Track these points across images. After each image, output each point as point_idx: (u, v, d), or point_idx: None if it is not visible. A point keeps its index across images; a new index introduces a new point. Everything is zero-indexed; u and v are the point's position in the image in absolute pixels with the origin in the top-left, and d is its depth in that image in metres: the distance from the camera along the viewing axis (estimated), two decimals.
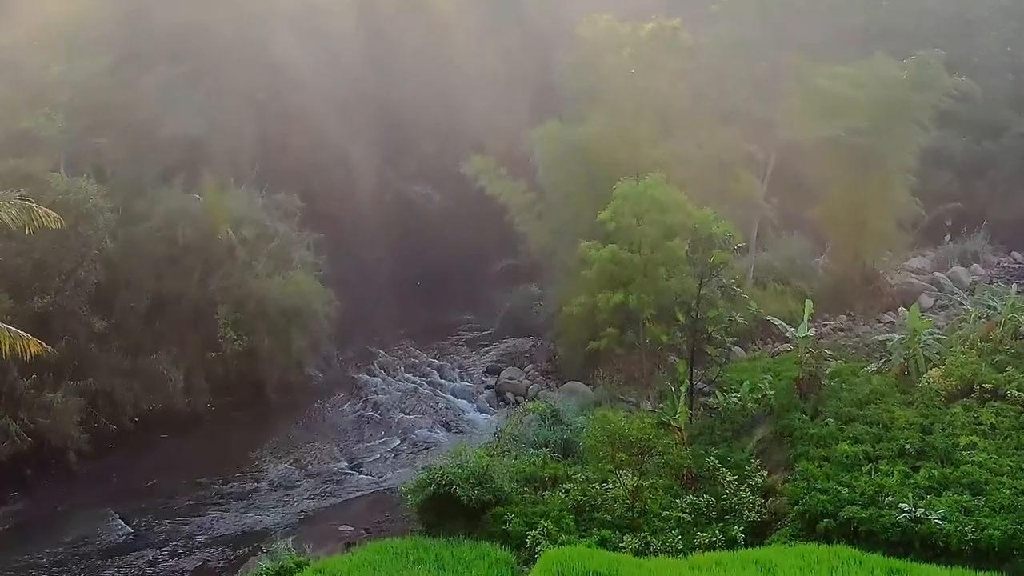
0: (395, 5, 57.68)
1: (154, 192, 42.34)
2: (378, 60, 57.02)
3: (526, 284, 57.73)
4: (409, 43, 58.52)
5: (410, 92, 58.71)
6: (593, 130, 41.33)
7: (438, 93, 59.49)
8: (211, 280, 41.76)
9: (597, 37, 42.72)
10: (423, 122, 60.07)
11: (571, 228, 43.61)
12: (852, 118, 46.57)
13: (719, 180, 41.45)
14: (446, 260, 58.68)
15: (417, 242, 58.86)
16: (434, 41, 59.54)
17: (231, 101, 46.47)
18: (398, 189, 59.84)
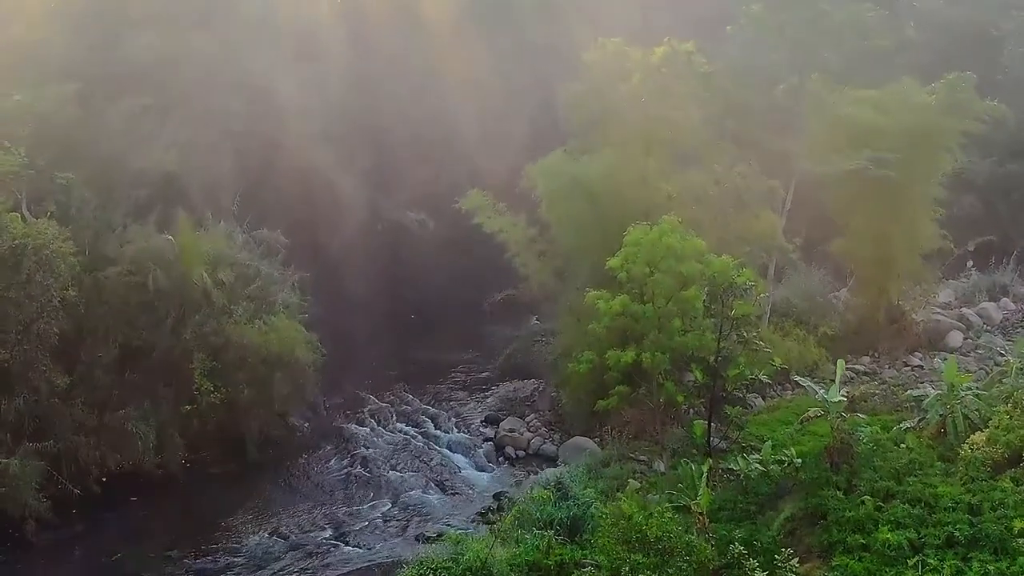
0: (385, 24, 54.46)
1: (123, 232, 38.99)
2: (367, 82, 53.88)
3: (526, 316, 54.72)
4: (401, 64, 55.45)
5: (402, 115, 55.66)
6: (600, 164, 38.06)
7: (432, 115, 56.38)
8: (185, 327, 38.36)
9: (605, 62, 39.41)
10: (417, 146, 57.03)
11: (576, 269, 40.52)
12: (877, 146, 43.36)
13: (737, 218, 38.14)
14: (441, 291, 55.58)
15: (411, 273, 55.87)
16: (427, 61, 56.47)
17: (208, 130, 43.22)
18: (390, 217, 56.73)
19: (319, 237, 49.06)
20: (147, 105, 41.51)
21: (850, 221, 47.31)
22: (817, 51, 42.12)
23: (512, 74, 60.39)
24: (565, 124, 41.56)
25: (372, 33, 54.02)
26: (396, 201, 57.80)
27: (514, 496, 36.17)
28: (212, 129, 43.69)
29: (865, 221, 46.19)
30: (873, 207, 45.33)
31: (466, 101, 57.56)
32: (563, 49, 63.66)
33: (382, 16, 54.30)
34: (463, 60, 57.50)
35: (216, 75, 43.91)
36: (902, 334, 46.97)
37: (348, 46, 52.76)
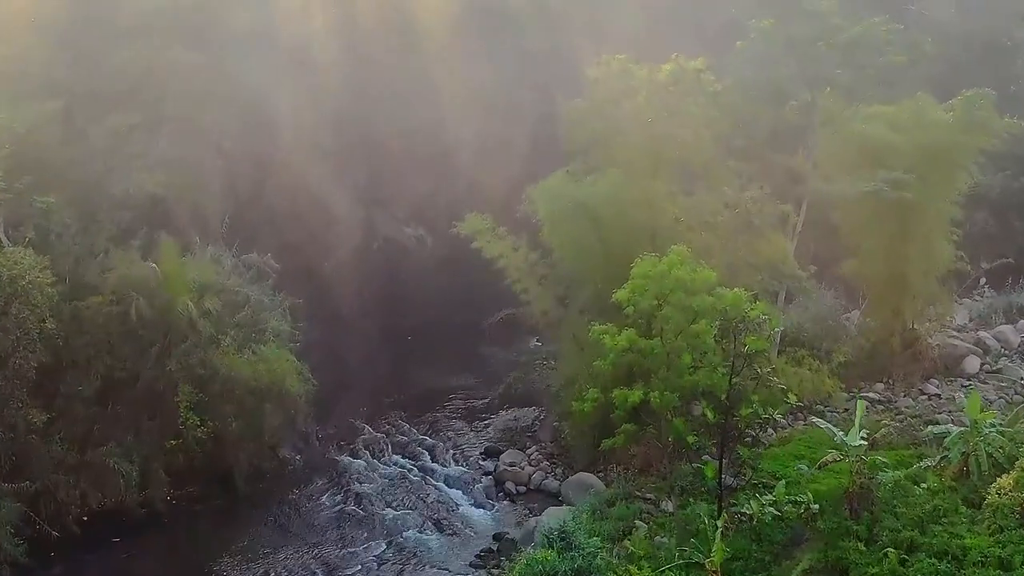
0: (380, 35, 52.67)
1: (106, 258, 37.23)
2: (362, 94, 52.09)
3: (526, 338, 53.08)
4: (397, 75, 53.62)
5: (399, 128, 53.91)
6: (604, 186, 36.30)
7: (430, 128, 54.62)
8: (170, 358, 36.58)
9: (609, 80, 37.63)
10: (414, 160, 55.27)
11: (580, 295, 38.80)
12: (892, 165, 41.61)
13: (748, 243, 36.37)
14: (439, 310, 53.92)
15: (408, 292, 54.17)
16: (425, 73, 54.62)
17: (197, 148, 41.56)
18: (387, 234, 55.02)
19: (312, 257, 47.40)
20: (133, 123, 39.76)
21: (863, 241, 45.54)
22: (829, 67, 40.28)
23: (512, 85, 58.68)
24: (567, 143, 39.66)
25: (367, 44, 52.21)
26: (393, 216, 56.14)
27: (515, 537, 34.55)
28: (201, 147, 42.03)
29: (879, 242, 44.38)
30: (887, 227, 43.55)
31: (465, 114, 55.87)
32: (565, 59, 62.07)
33: (377, 27, 52.50)
34: (462, 72, 55.82)
35: (206, 90, 42.15)
36: (917, 359, 45.16)
37: (343, 58, 50.96)
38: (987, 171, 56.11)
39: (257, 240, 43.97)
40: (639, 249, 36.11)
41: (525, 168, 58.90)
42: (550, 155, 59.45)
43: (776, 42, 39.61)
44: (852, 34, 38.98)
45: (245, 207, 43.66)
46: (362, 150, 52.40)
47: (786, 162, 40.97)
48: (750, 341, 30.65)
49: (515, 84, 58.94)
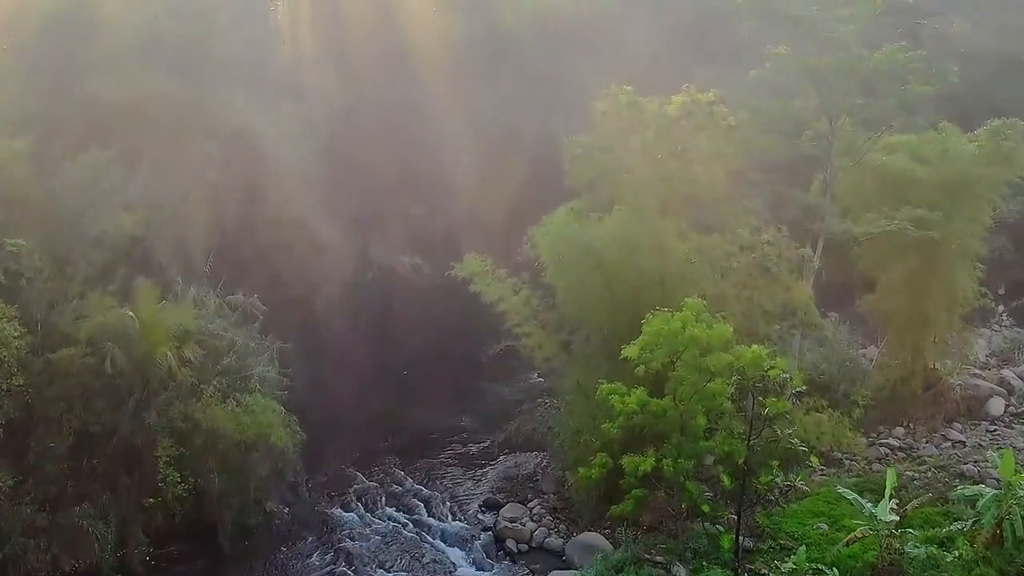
0: (375, 58, 50.31)
1: (80, 303, 34.91)
2: (356, 120, 49.77)
3: (527, 371, 50.84)
4: (391, 100, 51.28)
5: (394, 153, 51.57)
6: (611, 228, 34.02)
7: (427, 153, 52.38)
8: (148, 411, 34.26)
9: (617, 113, 35.37)
10: (410, 186, 52.99)
11: (586, 343, 36.60)
12: (915, 199, 39.54)
13: (765, 289, 34.09)
14: (436, 342, 51.54)
15: (404, 324, 51.82)
16: (421, 97, 52.31)
17: (179, 182, 39.12)
18: (382, 262, 52.67)
19: (303, 291, 45.02)
20: (111, 157, 37.39)
21: (881, 276, 43.53)
22: (850, 96, 38.08)
23: (513, 107, 56.43)
24: (571, 177, 37.43)
25: (360, 69, 49.89)
26: (388, 244, 53.76)
27: None
28: (184, 180, 39.63)
29: (899, 277, 42.39)
30: (908, 262, 41.50)
31: (463, 137, 53.72)
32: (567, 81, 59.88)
33: (371, 51, 50.18)
34: (459, 94, 53.57)
35: (189, 121, 39.80)
36: (939, 401, 43.06)
37: (334, 83, 48.72)
38: (1005, 196, 54.13)
39: (245, 275, 41.64)
40: (648, 294, 34.29)
41: (526, 192, 56.81)
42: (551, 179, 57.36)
43: (794, 71, 37.37)
44: (875, 63, 36.72)
45: (232, 241, 41.31)
46: (355, 177, 50.04)
47: (802, 197, 38.78)
48: (770, 403, 28.56)
49: (515, 106, 56.67)
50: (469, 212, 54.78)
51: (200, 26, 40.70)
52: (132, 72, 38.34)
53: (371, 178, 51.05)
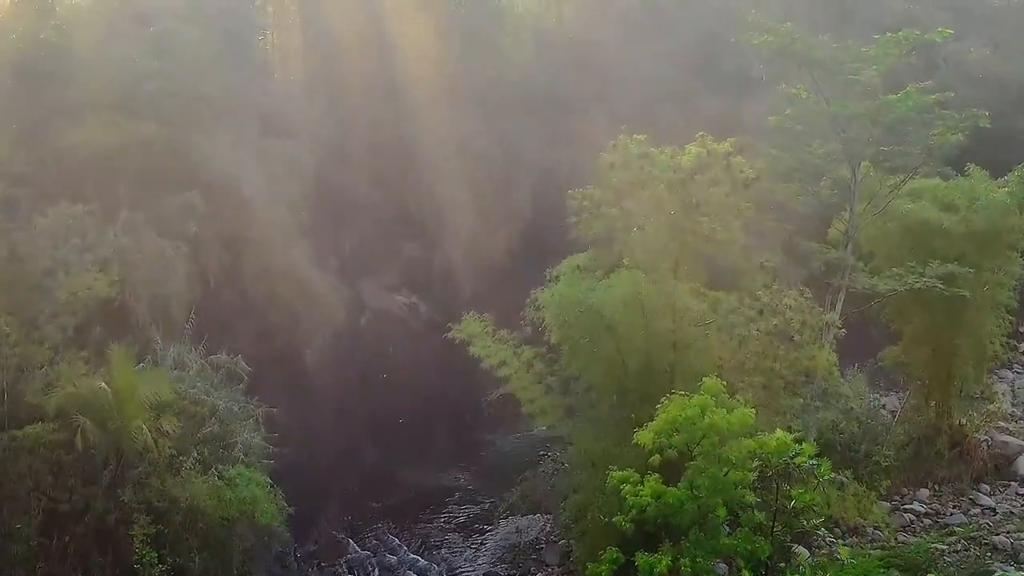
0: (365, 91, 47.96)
1: (50, 371, 32.49)
2: (347, 157, 47.77)
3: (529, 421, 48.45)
4: (384, 134, 49.01)
5: (388, 190, 49.55)
6: (620, 290, 31.48)
7: (422, 189, 50.16)
8: (123, 487, 31.87)
9: (628, 165, 32.85)
10: (405, 223, 50.87)
11: (593, 410, 34.19)
12: (941, 249, 37.20)
13: (787, 358, 31.60)
14: (433, 388, 49.21)
15: (399, 368, 49.57)
16: (415, 130, 50.02)
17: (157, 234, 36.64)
18: (376, 304, 50.45)
19: (293, 343, 42.69)
20: (84, 211, 34.97)
21: (904, 326, 41.17)
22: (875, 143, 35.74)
23: (512, 138, 54.24)
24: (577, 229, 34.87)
25: (352, 103, 47.63)
26: (382, 285, 51.57)
27: None
28: (162, 232, 37.16)
29: (923, 329, 40.04)
30: (932, 314, 39.07)
31: (461, 171, 51.49)
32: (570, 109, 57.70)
33: (363, 84, 47.88)
34: (456, 126, 51.38)
35: (169, 169, 37.36)
36: (965, 459, 40.56)
37: (323, 119, 46.45)
38: None
39: (229, 330, 39.27)
40: (661, 359, 32.01)
41: (526, 227, 54.66)
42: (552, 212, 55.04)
43: (814, 118, 35.02)
44: (902, 110, 34.32)
45: (215, 295, 38.94)
46: (348, 217, 47.88)
47: (823, 251, 36.44)
48: (797, 495, 26.11)
49: (516, 135, 54.55)
50: (468, 248, 52.57)
51: (181, 64, 38.13)
52: (107, 117, 35.90)
53: (364, 217, 48.92)
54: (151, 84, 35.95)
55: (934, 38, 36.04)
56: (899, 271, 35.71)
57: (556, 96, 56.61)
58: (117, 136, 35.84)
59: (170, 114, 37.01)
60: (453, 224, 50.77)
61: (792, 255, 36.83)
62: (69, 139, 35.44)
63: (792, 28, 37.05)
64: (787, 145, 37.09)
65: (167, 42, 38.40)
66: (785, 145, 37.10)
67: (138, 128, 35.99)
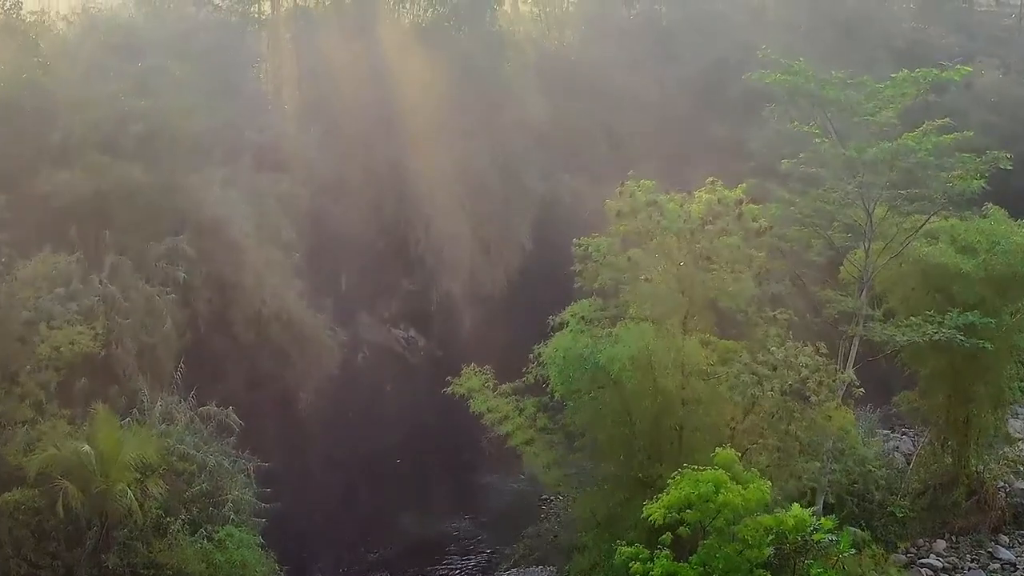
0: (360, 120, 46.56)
1: (31, 431, 31.05)
2: (342, 189, 46.33)
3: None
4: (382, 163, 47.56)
5: (385, 223, 48.04)
6: (629, 348, 30.03)
7: (421, 222, 48.71)
8: (108, 553, 30.47)
9: (635, 213, 31.45)
10: (403, 255, 49.44)
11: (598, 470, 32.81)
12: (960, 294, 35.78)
13: (802, 419, 30.16)
14: (432, 426, 47.79)
15: (397, 406, 48.16)
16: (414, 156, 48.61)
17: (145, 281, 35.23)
18: (373, 340, 48.99)
19: (287, 387, 41.25)
20: (71, 259, 33.56)
21: (920, 370, 39.80)
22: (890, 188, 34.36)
23: (514, 166, 52.96)
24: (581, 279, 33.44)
25: (346, 133, 46.14)
26: (379, 318, 50.15)
27: None
28: (151, 276, 35.77)
29: (939, 374, 38.68)
30: (950, 358, 37.66)
31: (460, 202, 50.06)
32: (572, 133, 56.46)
33: (357, 114, 46.46)
34: (456, 155, 50.04)
35: (157, 212, 35.94)
36: (983, 508, 39.22)
37: (321, 150, 45.03)
38: None
39: (220, 377, 37.92)
40: (669, 417, 30.71)
41: (525, 259, 53.41)
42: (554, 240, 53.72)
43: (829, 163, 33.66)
44: (921, 156, 32.91)
45: (205, 342, 37.53)
46: (344, 251, 46.42)
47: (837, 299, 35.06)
48: (816, 573, 24.81)
49: (517, 163, 53.26)
50: (468, 280, 51.22)
51: (171, 101, 36.70)
52: (92, 160, 34.46)
53: (361, 251, 47.46)
54: (137, 125, 34.45)
55: (952, 77, 34.52)
56: (916, 320, 34.28)
57: (558, 122, 55.31)
58: (103, 179, 34.45)
59: (157, 155, 35.57)
60: (452, 256, 49.39)
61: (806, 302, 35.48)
62: (53, 182, 33.96)
63: (805, 65, 35.54)
64: (800, 189, 35.65)
65: (155, 79, 36.92)
66: (798, 189, 35.66)
67: (124, 171, 34.57)
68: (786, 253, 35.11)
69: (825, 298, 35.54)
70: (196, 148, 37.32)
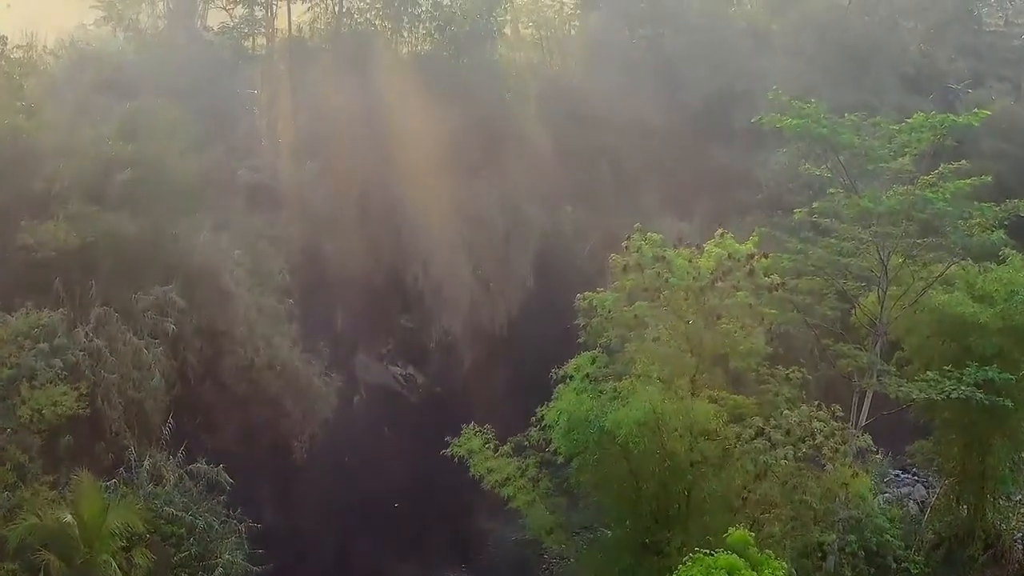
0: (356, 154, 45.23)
1: (11, 498, 29.74)
2: (337, 227, 44.97)
3: None
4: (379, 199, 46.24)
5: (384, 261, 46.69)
6: (636, 412, 28.71)
7: (419, 259, 47.38)
8: None
9: (641, 269, 30.17)
10: (402, 294, 48.12)
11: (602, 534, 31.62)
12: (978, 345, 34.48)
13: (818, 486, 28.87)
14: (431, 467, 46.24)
15: (395, 449, 46.64)
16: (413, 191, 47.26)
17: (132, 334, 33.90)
18: (370, 380, 47.58)
19: (280, 436, 39.88)
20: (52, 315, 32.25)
21: (936, 418, 38.53)
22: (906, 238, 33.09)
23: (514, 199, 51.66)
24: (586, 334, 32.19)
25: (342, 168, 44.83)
26: (376, 356, 48.76)
27: None
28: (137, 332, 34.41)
29: (955, 425, 37.46)
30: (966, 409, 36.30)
31: (458, 238, 48.78)
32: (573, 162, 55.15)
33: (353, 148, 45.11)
34: (456, 189, 48.69)
35: (144, 263, 34.57)
36: (1000, 563, 38.00)
37: (314, 186, 43.75)
38: None
39: (211, 430, 36.68)
40: (678, 481, 29.54)
41: (527, 294, 52.18)
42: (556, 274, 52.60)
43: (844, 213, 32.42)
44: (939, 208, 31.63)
45: (195, 394, 36.18)
46: (339, 289, 45.04)
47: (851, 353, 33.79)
48: None
49: (518, 196, 51.91)
50: (467, 317, 49.92)
51: (160, 144, 35.38)
52: (77, 209, 33.12)
53: (358, 289, 46.01)
54: (124, 173, 33.15)
55: (971, 122, 33.15)
56: (933, 375, 32.96)
57: (559, 150, 53.95)
58: (88, 229, 33.07)
59: (145, 202, 34.22)
60: (452, 293, 48.04)
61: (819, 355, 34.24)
62: (36, 235, 32.63)
63: (816, 108, 34.24)
64: (811, 238, 34.39)
65: (143, 121, 35.60)
66: (810, 238, 34.40)
67: (110, 220, 33.21)
68: (798, 305, 33.76)
69: (838, 352, 34.24)
70: (186, 192, 35.94)
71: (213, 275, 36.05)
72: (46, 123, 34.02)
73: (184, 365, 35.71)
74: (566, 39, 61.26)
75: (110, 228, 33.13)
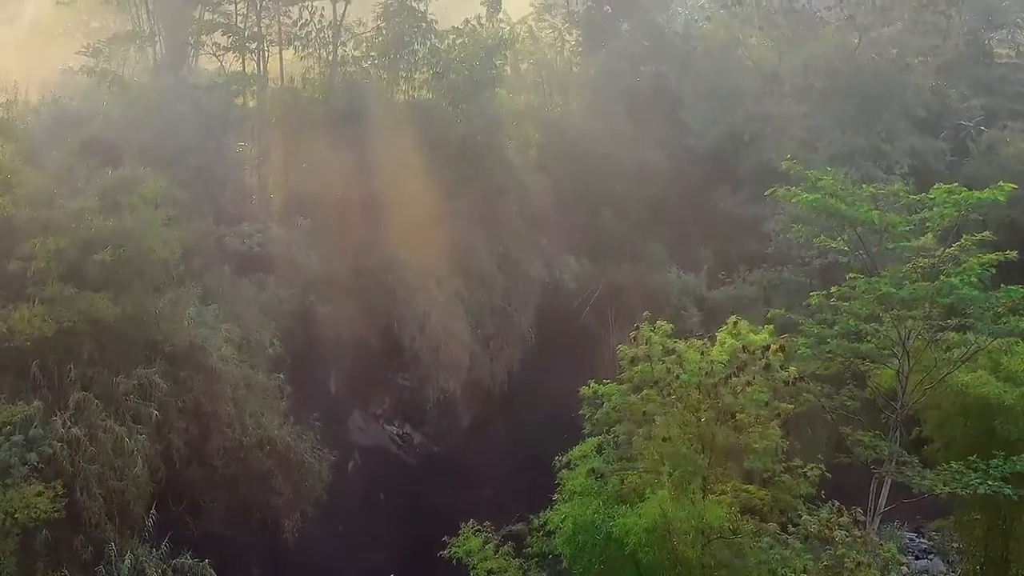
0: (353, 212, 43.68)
1: None
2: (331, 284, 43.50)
3: None
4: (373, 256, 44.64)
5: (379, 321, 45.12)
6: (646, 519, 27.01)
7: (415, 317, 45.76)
8: None
9: (652, 357, 28.56)
10: (398, 353, 46.47)
11: None
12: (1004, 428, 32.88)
13: None
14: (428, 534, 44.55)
15: (391, 515, 45.13)
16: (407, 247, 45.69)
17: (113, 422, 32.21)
18: (365, 443, 46.18)
19: (271, 516, 38.11)
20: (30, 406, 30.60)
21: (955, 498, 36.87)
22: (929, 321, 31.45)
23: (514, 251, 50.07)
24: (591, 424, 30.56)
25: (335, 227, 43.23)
26: (371, 416, 47.22)
27: None
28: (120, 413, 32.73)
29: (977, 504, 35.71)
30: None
31: (456, 294, 47.20)
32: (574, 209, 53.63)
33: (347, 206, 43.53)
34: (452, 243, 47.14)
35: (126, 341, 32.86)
36: None
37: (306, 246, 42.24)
38: None
39: (197, 513, 35.10)
40: None
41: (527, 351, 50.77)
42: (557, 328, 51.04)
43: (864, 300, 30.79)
44: (963, 289, 29.98)
45: (181, 477, 34.39)
46: (333, 351, 43.48)
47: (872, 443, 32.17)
48: None
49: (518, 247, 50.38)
50: (467, 376, 48.37)
51: (143, 216, 33.68)
52: (54, 292, 31.37)
53: (352, 350, 44.42)
54: (104, 251, 31.44)
55: (997, 197, 31.46)
56: (958, 467, 31.30)
57: (561, 198, 52.49)
58: (66, 313, 31.31)
59: (127, 281, 32.47)
60: (450, 353, 46.33)
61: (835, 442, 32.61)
62: (11, 319, 30.88)
63: (832, 179, 32.59)
64: (829, 319, 32.72)
65: (126, 191, 33.88)
66: (827, 319, 32.74)
67: (90, 303, 31.44)
68: (815, 394, 32.12)
69: (856, 440, 32.60)
70: (170, 265, 34.22)
71: (198, 354, 34.29)
72: (23, 198, 32.28)
73: (169, 449, 33.95)
74: (568, 78, 59.57)
75: (89, 310, 31.37)
